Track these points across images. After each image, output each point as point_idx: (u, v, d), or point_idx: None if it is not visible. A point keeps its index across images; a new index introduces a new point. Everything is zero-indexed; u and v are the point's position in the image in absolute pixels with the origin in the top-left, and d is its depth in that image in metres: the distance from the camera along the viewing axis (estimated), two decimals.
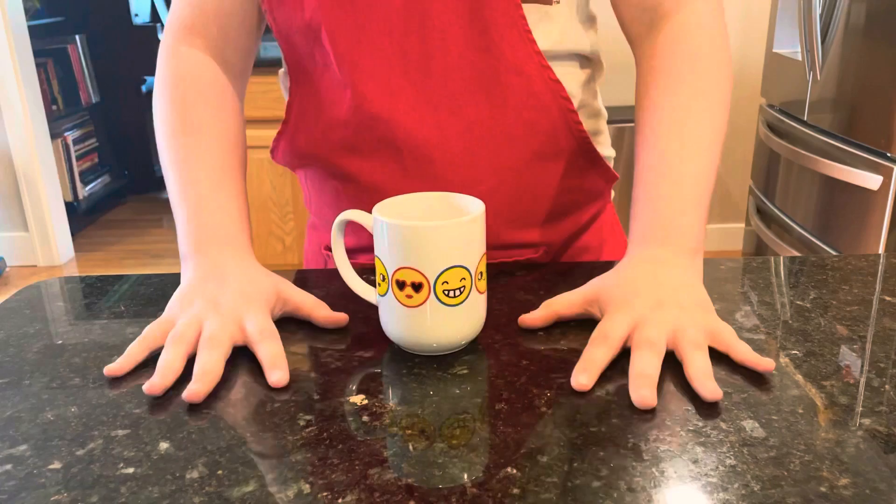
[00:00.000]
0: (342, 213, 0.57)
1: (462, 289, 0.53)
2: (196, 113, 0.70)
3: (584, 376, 0.50)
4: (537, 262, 0.76)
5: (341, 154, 0.73)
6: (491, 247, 0.73)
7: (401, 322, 0.54)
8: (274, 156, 0.80)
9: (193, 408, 0.49)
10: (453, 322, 0.54)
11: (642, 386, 0.48)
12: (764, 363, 0.51)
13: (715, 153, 0.64)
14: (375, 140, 0.70)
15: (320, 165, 0.76)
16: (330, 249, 0.81)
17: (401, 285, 0.53)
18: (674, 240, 0.60)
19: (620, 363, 0.53)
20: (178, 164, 0.67)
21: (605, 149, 0.80)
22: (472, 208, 0.55)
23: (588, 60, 0.76)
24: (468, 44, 0.67)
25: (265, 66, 2.37)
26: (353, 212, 0.57)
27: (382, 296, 0.55)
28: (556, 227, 0.78)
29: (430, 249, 0.52)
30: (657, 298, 0.55)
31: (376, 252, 0.54)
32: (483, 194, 0.70)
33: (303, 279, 0.70)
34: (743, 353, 0.52)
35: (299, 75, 0.73)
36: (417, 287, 0.52)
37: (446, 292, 0.53)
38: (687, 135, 0.64)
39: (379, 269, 0.54)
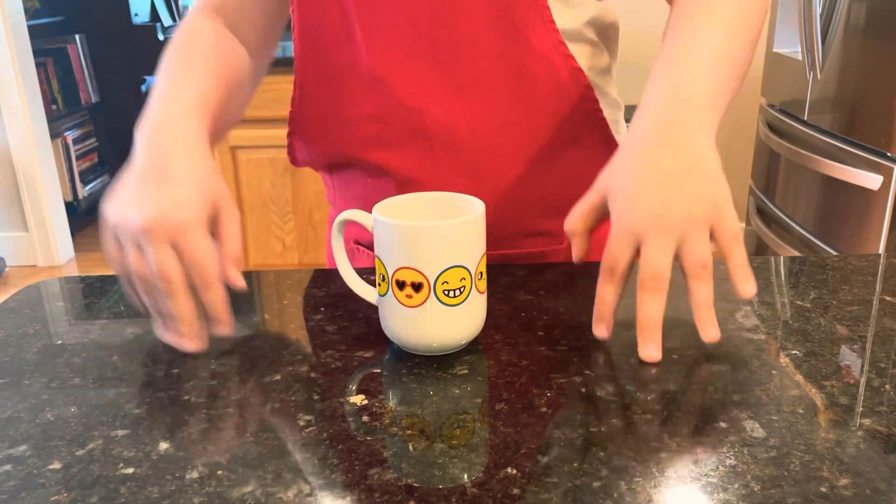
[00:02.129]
0: (342, 213, 0.57)
1: (462, 289, 0.53)
2: (195, 47, 0.71)
3: (602, 328, 0.54)
4: (562, 251, 0.78)
5: (369, 148, 0.74)
6: (518, 235, 0.75)
7: (401, 322, 0.54)
8: (293, 160, 0.81)
9: (193, 408, 0.49)
10: (453, 322, 0.54)
11: (648, 340, 0.51)
12: (747, 290, 0.53)
13: (742, 30, 0.61)
14: (406, 132, 0.71)
15: (347, 162, 0.77)
16: (358, 243, 0.82)
17: (401, 285, 0.53)
18: (682, 97, 0.56)
19: (620, 362, 0.53)
20: (161, 74, 0.68)
21: (623, 138, 0.81)
22: (473, 208, 0.55)
23: (602, 47, 0.78)
24: (496, 34, 0.68)
25: None
26: (353, 212, 0.57)
27: (382, 296, 0.55)
28: None
29: (430, 249, 0.52)
30: (662, 200, 0.52)
31: (376, 252, 0.54)
32: (511, 182, 0.71)
33: (301, 279, 0.70)
34: (736, 265, 0.53)
35: (318, 77, 0.73)
36: (417, 287, 0.52)
37: (446, 292, 0.53)
38: (710, 12, 0.61)
39: (379, 270, 0.54)
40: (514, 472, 0.42)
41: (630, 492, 0.40)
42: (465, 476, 0.41)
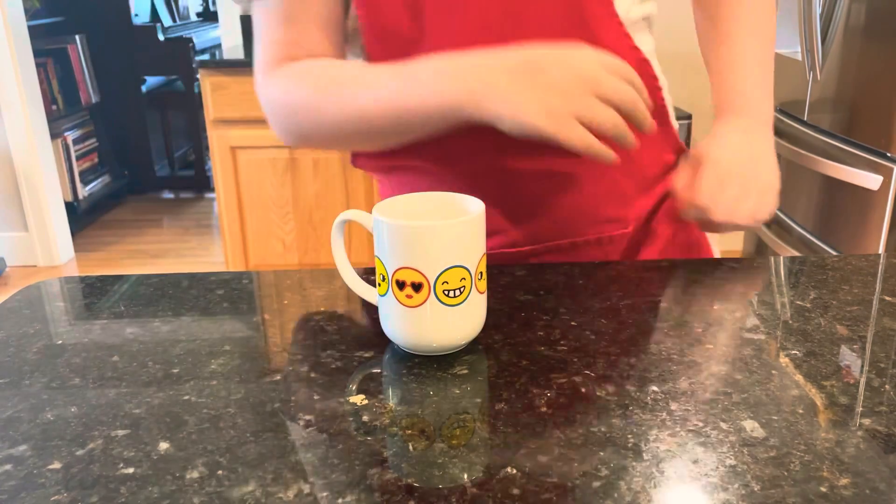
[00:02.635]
0: (342, 213, 0.57)
1: (462, 289, 0.53)
2: (311, 74, 0.71)
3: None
4: (626, 236, 0.79)
5: (435, 148, 0.73)
6: (588, 223, 0.75)
7: (401, 322, 0.54)
8: (353, 160, 0.81)
9: (193, 408, 0.49)
10: (453, 322, 0.54)
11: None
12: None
13: (769, 36, 0.80)
14: (476, 130, 0.72)
15: (408, 164, 0.76)
16: (504, 248, 0.81)
17: (401, 285, 0.53)
18: (753, 113, 0.76)
19: (620, 362, 0.53)
20: (320, 94, 0.69)
21: (672, 120, 0.84)
22: (472, 208, 0.55)
23: (650, 34, 0.80)
24: (564, 29, 0.69)
25: None
26: (353, 212, 0.57)
27: (382, 296, 0.55)
28: (640, 201, 0.79)
29: (430, 249, 0.52)
30: (743, 184, 0.71)
31: (376, 252, 0.54)
32: (582, 175, 0.72)
33: (301, 279, 0.70)
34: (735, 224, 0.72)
35: None
36: (417, 287, 0.52)
37: (446, 292, 0.53)
38: (742, 21, 0.79)
39: (379, 270, 0.54)
40: (514, 472, 0.42)
41: (630, 492, 0.40)
42: (465, 476, 0.41)
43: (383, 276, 0.54)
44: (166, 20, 4.46)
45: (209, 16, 5.03)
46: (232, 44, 2.91)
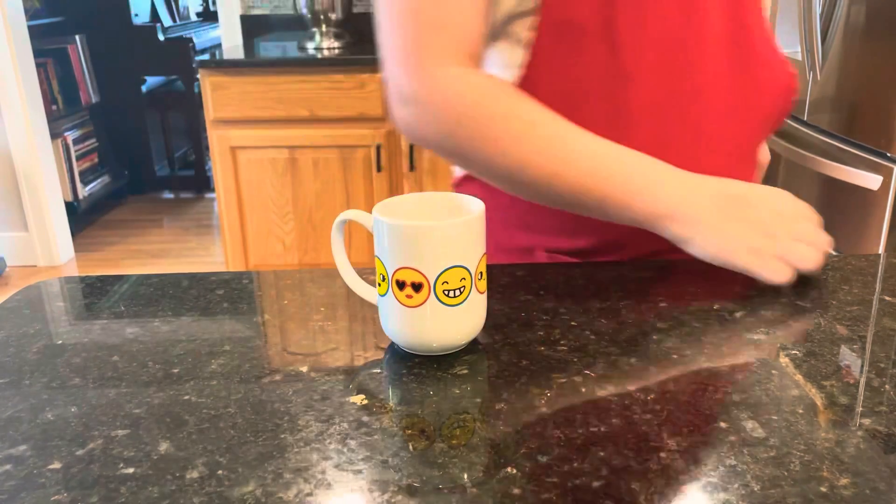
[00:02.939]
0: (342, 213, 0.57)
1: (462, 289, 0.53)
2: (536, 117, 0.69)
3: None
4: None
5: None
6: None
7: (401, 322, 0.54)
8: (461, 187, 0.82)
9: (193, 408, 0.49)
10: (453, 322, 0.54)
11: None
12: None
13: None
14: (640, 135, 0.73)
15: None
16: (551, 251, 0.80)
17: (401, 285, 0.53)
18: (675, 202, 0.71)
19: (620, 362, 0.53)
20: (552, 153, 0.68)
21: None
22: (472, 208, 0.55)
23: None
24: (728, 37, 0.73)
25: (265, 66, 2.37)
26: (353, 212, 0.57)
27: (382, 296, 0.55)
28: None
29: (430, 249, 0.52)
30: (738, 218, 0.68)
31: (376, 252, 0.54)
32: (726, 171, 0.72)
33: (301, 279, 0.70)
34: None
35: (558, 73, 0.73)
36: (417, 287, 0.52)
37: (446, 292, 0.53)
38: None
39: (379, 270, 0.54)
40: (514, 472, 0.42)
41: (630, 492, 0.40)
42: (465, 476, 0.41)
43: (383, 276, 0.54)
44: (166, 20, 4.46)
45: (209, 16, 5.03)
46: (232, 44, 2.91)
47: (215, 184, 2.52)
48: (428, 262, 0.52)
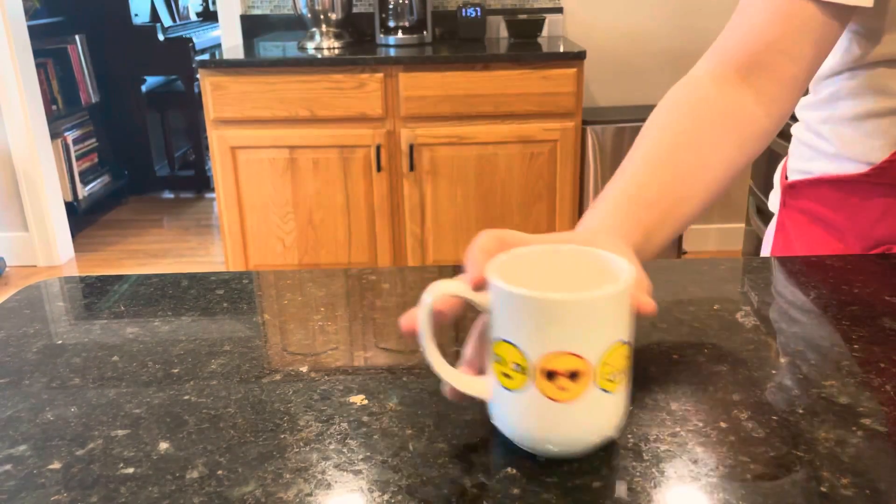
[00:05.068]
0: (431, 289, 0.42)
1: (623, 370, 0.42)
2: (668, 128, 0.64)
3: None
4: None
5: None
6: None
7: (546, 420, 0.42)
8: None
9: (193, 408, 0.49)
10: (612, 411, 0.43)
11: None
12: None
13: None
14: None
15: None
16: None
17: (550, 375, 0.40)
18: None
19: None
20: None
21: None
22: (613, 266, 0.44)
23: None
24: None
25: (265, 66, 2.37)
26: (447, 284, 0.42)
27: (514, 391, 0.42)
28: None
29: (596, 325, 0.40)
30: None
31: (499, 334, 0.41)
32: None
33: (301, 279, 0.70)
34: None
35: None
36: (574, 376, 0.40)
37: (609, 377, 0.41)
38: None
39: (508, 357, 0.41)
40: (514, 472, 0.42)
41: (630, 492, 0.40)
42: (466, 476, 0.41)
43: (518, 366, 0.41)
44: (166, 20, 4.46)
45: (209, 16, 5.03)
46: (232, 44, 2.91)
47: (215, 184, 2.53)
48: (591, 343, 0.40)
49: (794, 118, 0.88)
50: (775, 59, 0.66)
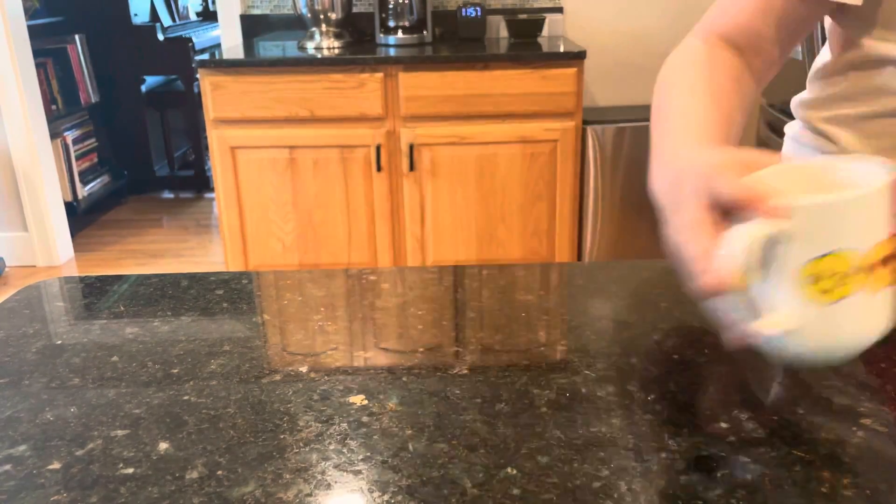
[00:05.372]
0: (734, 237, 0.40)
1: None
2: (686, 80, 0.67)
3: None
4: None
5: None
6: None
7: (871, 315, 0.42)
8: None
9: (193, 408, 0.49)
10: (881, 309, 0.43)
11: None
12: None
13: None
14: None
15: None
16: None
17: (885, 261, 0.40)
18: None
19: (620, 362, 0.53)
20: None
21: None
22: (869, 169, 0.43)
23: None
24: None
25: (265, 65, 2.37)
26: (751, 227, 0.40)
27: (837, 301, 0.40)
28: None
29: (887, 213, 0.41)
30: None
31: (820, 250, 0.40)
32: None
33: (301, 279, 0.70)
34: None
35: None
36: (887, 261, 0.41)
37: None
38: None
39: (830, 269, 0.40)
40: (514, 472, 0.42)
41: (630, 492, 0.40)
42: (465, 476, 0.41)
43: (844, 274, 0.40)
44: (166, 20, 4.46)
45: (209, 15, 5.03)
46: (232, 43, 2.91)
47: (215, 184, 2.52)
48: (886, 228, 0.41)
49: (789, 116, 0.87)
50: (761, 44, 0.73)
